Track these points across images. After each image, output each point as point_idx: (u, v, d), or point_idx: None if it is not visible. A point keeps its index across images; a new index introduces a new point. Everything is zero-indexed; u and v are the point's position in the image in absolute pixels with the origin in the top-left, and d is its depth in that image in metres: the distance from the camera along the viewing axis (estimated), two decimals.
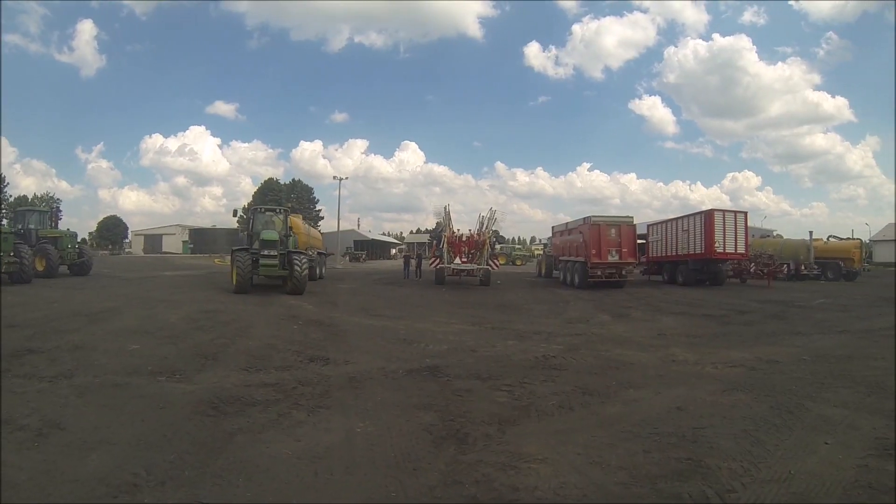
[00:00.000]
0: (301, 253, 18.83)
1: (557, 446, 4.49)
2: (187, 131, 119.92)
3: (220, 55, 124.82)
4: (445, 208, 27.08)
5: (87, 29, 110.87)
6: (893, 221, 57.66)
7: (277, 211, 20.68)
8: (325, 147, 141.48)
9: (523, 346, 9.27)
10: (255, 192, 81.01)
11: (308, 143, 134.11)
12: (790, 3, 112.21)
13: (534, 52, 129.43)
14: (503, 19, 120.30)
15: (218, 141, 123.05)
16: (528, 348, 8.99)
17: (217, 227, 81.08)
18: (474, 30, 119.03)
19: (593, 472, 3.98)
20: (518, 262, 56.01)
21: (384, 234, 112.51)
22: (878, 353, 8.82)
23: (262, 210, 20.82)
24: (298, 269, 17.38)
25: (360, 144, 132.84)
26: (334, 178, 58.35)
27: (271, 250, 17.57)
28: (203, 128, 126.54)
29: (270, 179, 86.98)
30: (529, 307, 16.14)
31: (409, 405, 5.64)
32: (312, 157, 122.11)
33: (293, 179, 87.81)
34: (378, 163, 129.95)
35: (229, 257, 19.46)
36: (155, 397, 5.65)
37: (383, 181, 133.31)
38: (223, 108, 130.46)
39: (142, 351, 7.98)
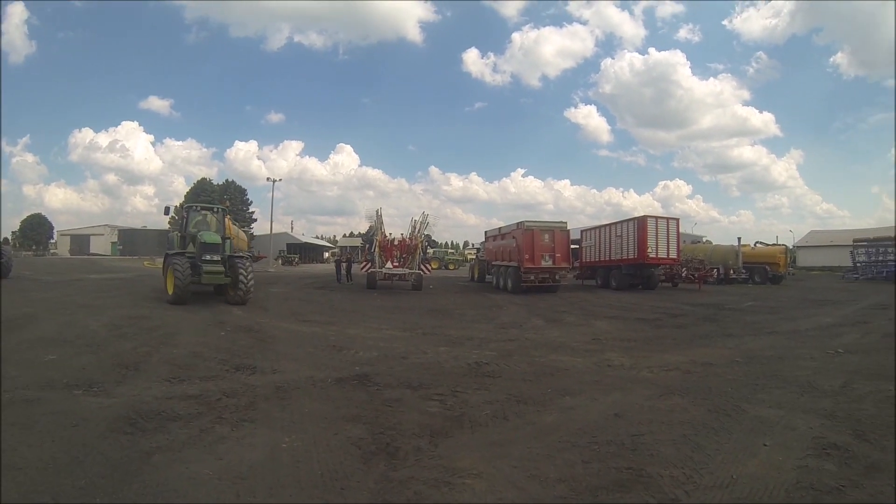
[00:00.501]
0: (243, 257, 17.09)
1: (492, 459, 4.39)
2: (119, 126, 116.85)
3: (156, 48, 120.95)
4: (377, 212, 26.72)
5: (17, 12, 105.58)
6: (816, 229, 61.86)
7: (214, 210, 18.22)
8: (260, 148, 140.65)
9: (455, 352, 9.15)
10: (187, 193, 78.86)
11: (243, 143, 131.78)
12: (724, 23, 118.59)
13: (472, 59, 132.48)
14: (444, 25, 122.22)
15: (151, 138, 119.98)
16: (461, 355, 8.89)
17: (148, 227, 78.39)
18: (414, 34, 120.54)
19: (531, 487, 3.91)
20: (451, 267, 56.64)
21: (317, 237, 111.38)
22: (806, 354, 9.24)
23: (198, 208, 18.37)
24: (244, 277, 15.45)
25: (295, 146, 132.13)
26: (268, 179, 57.45)
27: (214, 254, 15.58)
28: (136, 123, 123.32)
29: (203, 179, 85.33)
30: (462, 312, 16.03)
31: (338, 417, 5.48)
32: (247, 158, 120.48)
33: (227, 180, 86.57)
34: (313, 165, 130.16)
35: (161, 261, 18.07)
36: (69, 413, 5.30)
37: (317, 184, 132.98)
38: (157, 104, 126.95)
39: (58, 361, 7.52)
